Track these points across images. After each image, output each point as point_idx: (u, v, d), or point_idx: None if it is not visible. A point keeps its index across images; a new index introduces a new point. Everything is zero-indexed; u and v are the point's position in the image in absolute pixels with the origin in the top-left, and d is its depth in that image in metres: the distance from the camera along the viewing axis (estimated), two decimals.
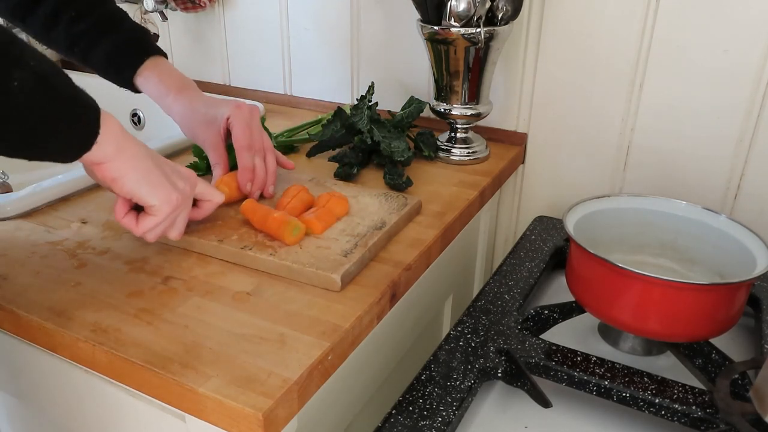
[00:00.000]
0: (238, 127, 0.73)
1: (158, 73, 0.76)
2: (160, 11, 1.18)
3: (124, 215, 0.58)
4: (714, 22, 0.79)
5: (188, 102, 0.75)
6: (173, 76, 0.77)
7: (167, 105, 0.76)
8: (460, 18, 0.82)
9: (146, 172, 0.55)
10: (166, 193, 0.57)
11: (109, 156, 0.52)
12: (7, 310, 0.58)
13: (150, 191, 0.56)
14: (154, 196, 0.56)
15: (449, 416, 0.53)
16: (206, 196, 0.65)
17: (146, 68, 0.75)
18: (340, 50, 1.10)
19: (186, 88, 0.76)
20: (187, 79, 0.78)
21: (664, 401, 0.55)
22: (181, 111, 0.75)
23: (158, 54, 0.77)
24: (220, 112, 0.74)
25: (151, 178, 0.56)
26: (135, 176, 0.54)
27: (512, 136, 0.99)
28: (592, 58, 0.89)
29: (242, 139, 0.72)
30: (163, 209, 0.57)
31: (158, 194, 0.56)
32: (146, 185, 0.55)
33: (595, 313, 0.64)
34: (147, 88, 0.76)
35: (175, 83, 0.76)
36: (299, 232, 0.65)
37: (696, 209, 0.69)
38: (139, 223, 0.58)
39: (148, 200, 0.56)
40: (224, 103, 0.75)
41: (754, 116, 0.81)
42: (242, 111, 0.74)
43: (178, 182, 0.59)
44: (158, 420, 0.56)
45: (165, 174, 0.57)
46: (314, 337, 0.53)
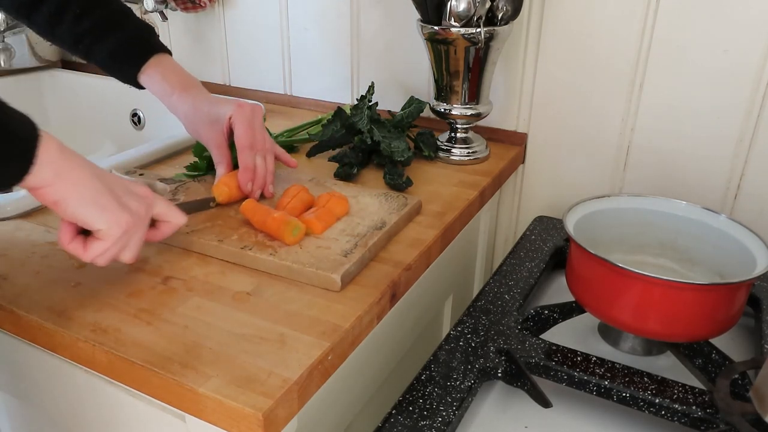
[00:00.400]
0: (240, 126, 0.72)
1: (162, 71, 0.75)
2: (160, 11, 1.18)
3: (69, 241, 0.53)
4: (714, 22, 0.79)
5: (192, 101, 0.75)
6: (177, 73, 0.77)
7: (171, 104, 0.76)
8: (460, 18, 0.82)
9: (92, 194, 0.51)
10: (114, 216, 0.52)
11: (47, 181, 0.48)
12: (7, 310, 0.58)
13: (96, 214, 0.51)
14: (101, 220, 0.51)
15: (449, 416, 0.53)
16: (166, 217, 0.59)
17: (150, 66, 0.75)
18: (340, 50, 1.10)
19: (190, 87, 0.76)
20: (191, 77, 0.78)
21: (664, 401, 0.55)
22: (185, 110, 0.75)
23: (163, 51, 0.77)
24: (223, 110, 0.74)
25: (97, 200, 0.51)
26: (78, 199, 0.50)
27: (512, 136, 0.99)
28: (592, 58, 0.89)
29: (244, 138, 0.72)
30: (112, 233, 0.52)
31: (106, 217, 0.51)
32: (91, 208, 0.51)
33: (595, 313, 0.64)
34: (151, 86, 0.76)
35: (179, 81, 0.76)
36: (299, 232, 0.65)
37: (696, 209, 0.69)
38: (86, 248, 0.53)
39: (94, 224, 0.51)
40: (227, 101, 0.75)
41: (754, 116, 0.81)
42: (244, 110, 0.73)
43: (131, 203, 0.54)
44: (158, 420, 0.56)
45: (114, 195, 0.53)
46: (314, 337, 0.53)
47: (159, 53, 0.76)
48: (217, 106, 0.74)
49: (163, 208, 0.59)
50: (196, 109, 0.75)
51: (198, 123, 0.75)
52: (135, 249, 0.56)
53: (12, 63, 1.36)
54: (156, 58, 0.76)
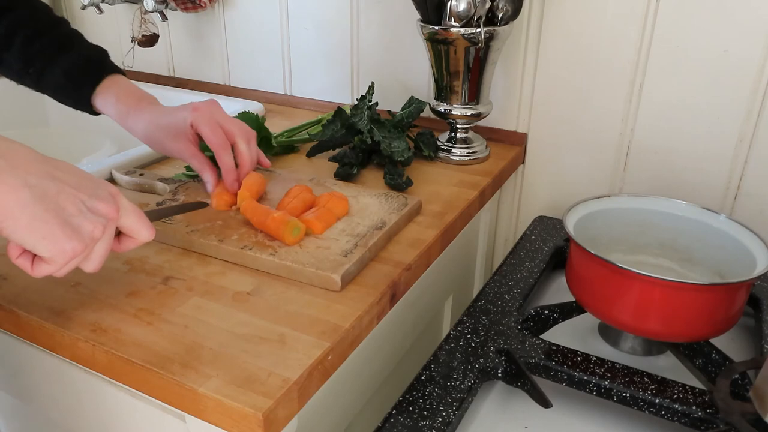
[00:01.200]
0: (205, 127, 0.70)
1: (116, 92, 0.73)
2: (160, 11, 1.18)
3: (16, 257, 0.48)
4: (714, 22, 0.79)
5: (148, 117, 0.72)
6: (131, 93, 0.74)
7: (128, 125, 0.73)
8: (460, 18, 0.82)
9: (29, 222, 0.44)
10: (57, 245, 0.46)
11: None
12: (7, 310, 0.58)
13: (35, 243, 0.45)
14: (41, 248, 0.46)
15: (449, 416, 0.53)
16: (132, 233, 0.53)
17: (105, 87, 0.73)
18: (340, 50, 1.10)
19: (144, 104, 0.73)
20: (145, 94, 0.75)
21: (664, 401, 0.55)
22: (144, 128, 0.72)
23: (117, 72, 0.75)
24: (180, 119, 0.71)
25: (35, 228, 0.45)
26: (14, 227, 0.44)
27: (512, 136, 0.99)
28: (592, 58, 0.89)
29: (214, 138, 0.70)
30: (56, 260, 0.47)
31: (46, 246, 0.45)
32: (30, 237, 0.45)
33: (595, 313, 0.64)
34: (105, 108, 0.74)
35: (132, 101, 0.73)
36: (299, 232, 0.65)
37: (696, 209, 0.69)
38: (33, 268, 0.48)
39: (36, 251, 0.46)
40: (182, 108, 0.72)
41: (754, 116, 0.81)
42: (201, 111, 0.70)
43: (83, 225, 0.47)
44: (158, 420, 0.56)
45: (60, 219, 0.46)
46: (314, 337, 0.53)
47: (113, 74, 0.74)
48: (173, 115, 0.72)
49: (131, 222, 0.52)
50: (154, 124, 0.72)
51: (161, 138, 0.72)
52: (97, 261, 0.50)
53: None
54: (110, 78, 0.74)
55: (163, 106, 0.74)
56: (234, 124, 0.72)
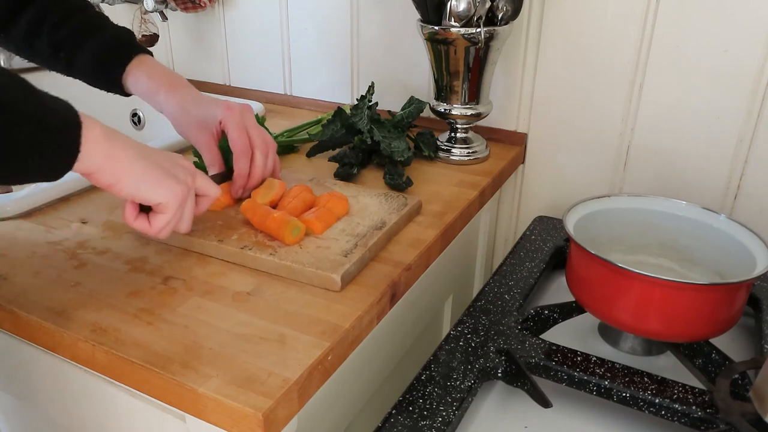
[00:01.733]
0: (233, 130, 0.71)
1: (147, 70, 0.74)
2: (160, 11, 1.18)
3: (135, 218, 0.57)
4: (714, 22, 0.79)
5: (179, 101, 0.73)
6: (162, 73, 0.75)
7: (158, 103, 0.74)
8: (460, 18, 0.82)
9: (143, 171, 0.54)
10: (170, 188, 0.55)
11: (97, 165, 0.51)
12: (7, 310, 0.58)
13: (152, 190, 0.54)
14: (158, 194, 0.55)
15: (449, 416, 0.53)
16: (203, 191, 0.62)
17: (134, 66, 0.74)
18: (340, 50, 1.10)
19: (177, 86, 0.74)
20: (176, 75, 0.76)
21: (664, 401, 0.55)
22: (173, 110, 0.74)
23: (145, 52, 0.75)
24: (212, 113, 0.72)
25: (149, 176, 0.54)
26: (132, 178, 0.53)
27: (512, 136, 0.99)
28: (592, 58, 0.89)
29: (238, 143, 0.71)
30: (171, 204, 0.56)
31: (162, 191, 0.55)
32: (146, 185, 0.54)
33: (595, 313, 0.64)
34: (137, 87, 0.74)
35: (165, 80, 0.74)
36: (299, 232, 0.65)
37: (696, 209, 0.69)
38: (151, 223, 0.57)
39: (153, 199, 0.55)
40: (215, 103, 0.73)
41: (754, 116, 0.81)
42: (234, 113, 0.71)
43: (179, 174, 0.57)
44: (158, 420, 0.56)
45: (164, 169, 0.56)
46: (314, 337, 0.53)
47: (141, 54, 0.75)
48: (206, 107, 0.73)
49: (202, 181, 0.61)
50: (184, 110, 0.73)
51: (186, 124, 0.73)
52: (189, 218, 0.59)
53: (12, 63, 1.36)
54: (139, 58, 0.74)
55: (195, 92, 0.75)
56: (259, 134, 0.73)
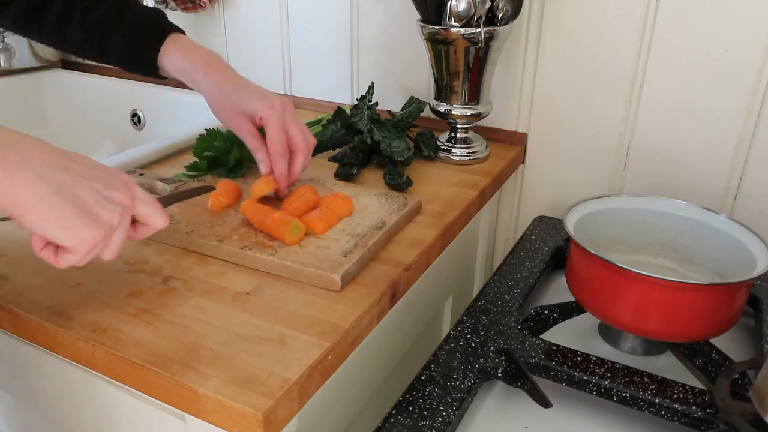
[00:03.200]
0: (273, 130, 0.69)
1: (181, 49, 0.73)
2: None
3: (40, 249, 0.49)
4: (714, 22, 0.79)
5: (219, 83, 0.72)
6: (198, 51, 0.74)
7: (196, 82, 0.73)
8: (460, 18, 0.82)
9: (48, 211, 0.45)
10: (78, 233, 0.46)
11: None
12: (7, 310, 0.58)
13: (58, 233, 0.46)
14: (64, 238, 0.46)
15: (449, 416, 0.53)
16: (147, 220, 0.54)
17: (169, 45, 0.72)
18: (340, 50, 1.10)
19: (215, 66, 0.73)
20: (214, 54, 0.75)
21: (664, 401, 0.55)
22: (212, 91, 0.72)
23: (178, 31, 0.75)
24: (252, 106, 0.70)
25: (55, 218, 0.45)
26: (35, 219, 0.45)
27: (512, 136, 0.99)
28: (592, 58, 0.89)
29: (277, 144, 0.69)
30: (79, 249, 0.47)
31: (68, 235, 0.46)
32: (51, 227, 0.46)
33: (595, 313, 0.64)
34: (172, 66, 0.73)
35: (202, 59, 0.72)
36: (299, 232, 0.65)
37: (696, 209, 0.69)
38: (58, 259, 0.49)
39: (59, 242, 0.47)
40: (256, 95, 0.71)
41: (754, 116, 0.81)
42: (276, 111, 0.69)
43: (102, 213, 0.48)
44: (158, 420, 0.56)
45: (79, 209, 0.46)
46: (314, 337, 0.53)
47: (174, 32, 0.74)
48: (246, 97, 0.71)
49: (145, 211, 0.53)
50: (223, 92, 0.72)
51: (225, 109, 0.72)
52: (115, 249, 0.51)
53: (12, 63, 1.36)
54: (173, 36, 0.73)
55: (235, 75, 0.73)
56: (300, 132, 0.71)
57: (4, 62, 1.35)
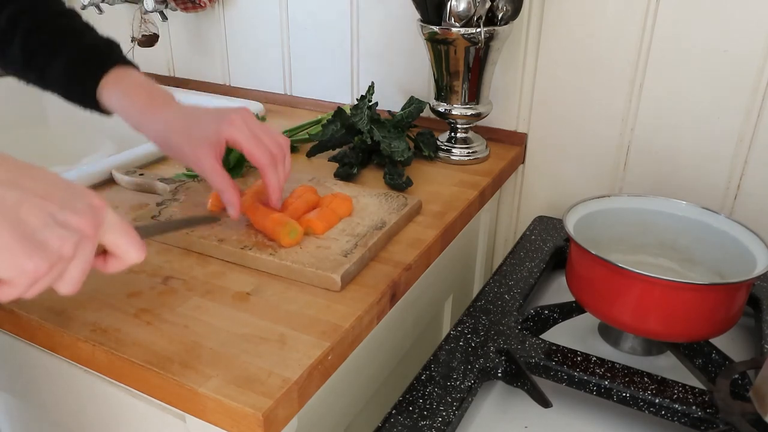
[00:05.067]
0: (249, 144, 0.62)
1: (124, 86, 0.65)
2: (160, 11, 1.18)
3: None
4: (714, 22, 0.79)
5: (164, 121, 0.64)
6: (143, 87, 0.66)
7: (138, 123, 0.65)
8: (460, 18, 0.82)
9: None
10: (15, 263, 0.38)
11: None
12: (7, 310, 0.58)
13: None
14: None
15: (449, 416, 0.53)
16: (116, 251, 0.45)
17: (111, 80, 0.65)
18: (340, 50, 1.10)
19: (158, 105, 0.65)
20: (160, 91, 0.67)
21: (664, 401, 0.55)
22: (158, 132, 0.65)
23: (127, 64, 0.67)
24: (212, 130, 0.62)
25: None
26: None
27: (512, 136, 0.99)
28: (592, 58, 0.89)
29: (263, 156, 0.63)
30: (18, 282, 0.39)
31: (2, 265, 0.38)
32: None
33: (595, 313, 0.64)
34: (111, 103, 0.66)
35: (144, 96, 0.65)
36: (296, 234, 0.64)
37: (696, 209, 0.69)
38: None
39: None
40: (211, 116, 0.64)
41: (754, 116, 0.81)
42: (238, 125, 0.62)
43: (52, 240, 0.39)
44: (158, 420, 0.56)
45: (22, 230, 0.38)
46: (314, 337, 0.53)
47: (122, 65, 0.66)
48: (200, 126, 0.63)
49: (115, 239, 0.44)
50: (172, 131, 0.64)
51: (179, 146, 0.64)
52: (72, 283, 0.43)
53: None
54: (118, 70, 0.66)
55: (182, 107, 0.66)
56: (270, 139, 0.65)
57: None
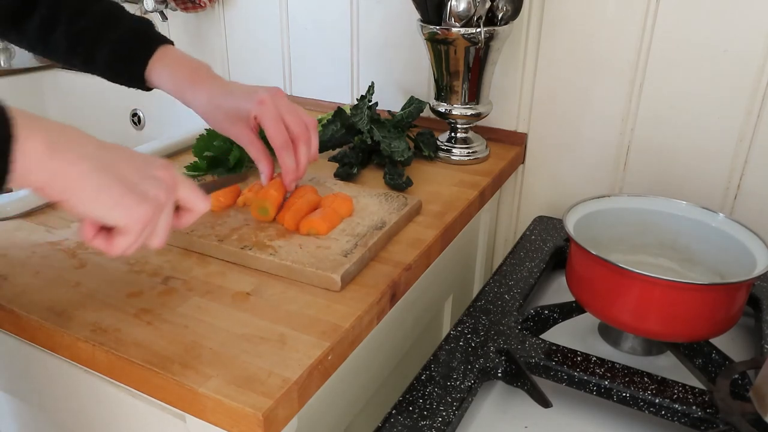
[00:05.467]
0: (269, 124, 0.66)
1: (169, 64, 0.70)
2: (160, 11, 1.18)
3: (92, 237, 0.47)
4: (714, 21, 0.79)
5: (208, 96, 0.69)
6: (185, 64, 0.71)
7: (186, 101, 0.70)
8: (460, 18, 0.82)
9: (97, 189, 0.44)
10: (129, 210, 0.45)
11: (41, 182, 0.43)
12: (7, 310, 0.58)
13: (108, 212, 0.45)
14: (114, 216, 0.45)
15: (449, 416, 0.53)
16: (187, 204, 0.52)
17: (156, 61, 0.70)
18: (340, 50, 1.10)
19: (200, 80, 0.70)
20: (200, 66, 0.72)
21: (664, 401, 0.55)
22: (203, 108, 0.70)
23: (166, 43, 0.72)
24: (243, 107, 0.68)
25: (104, 195, 0.44)
26: (83, 198, 0.44)
27: (512, 136, 0.99)
28: (592, 58, 0.89)
29: (278, 137, 0.67)
30: (131, 228, 0.46)
31: (119, 213, 0.45)
32: (100, 205, 0.44)
33: (595, 313, 0.64)
34: (159, 82, 0.71)
35: (188, 73, 0.70)
36: (265, 213, 0.69)
37: (696, 209, 0.69)
38: (112, 244, 0.47)
39: (109, 221, 0.46)
40: (245, 95, 0.68)
41: (754, 116, 0.81)
42: (267, 106, 0.66)
43: (149, 190, 0.47)
44: (158, 420, 0.56)
45: (126, 186, 0.45)
46: (314, 337, 0.53)
47: (162, 45, 0.71)
48: (235, 100, 0.69)
49: (186, 193, 0.51)
50: (214, 105, 0.69)
51: (220, 120, 0.70)
52: (163, 234, 0.50)
53: (12, 63, 1.37)
54: (160, 51, 0.71)
55: (222, 82, 0.71)
56: (296, 119, 0.68)
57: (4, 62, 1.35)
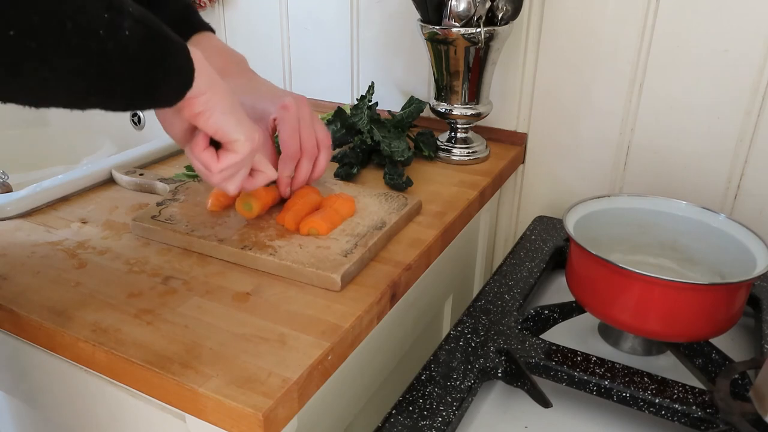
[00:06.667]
0: (286, 132, 0.68)
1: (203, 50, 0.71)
2: None
3: (203, 149, 0.56)
4: (714, 21, 0.79)
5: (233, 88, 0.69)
6: (220, 54, 0.72)
7: None
8: (460, 18, 0.82)
9: (232, 106, 0.54)
10: (249, 130, 0.55)
11: (201, 89, 0.50)
12: (7, 310, 0.58)
13: (235, 127, 0.54)
14: (239, 131, 0.54)
15: (449, 416, 0.53)
16: (260, 166, 0.62)
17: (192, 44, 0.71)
18: (340, 50, 1.10)
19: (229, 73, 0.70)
20: (233, 57, 0.74)
21: (664, 401, 0.55)
22: None
23: (205, 30, 0.72)
24: (266, 108, 0.69)
25: (236, 112, 0.54)
26: (222, 109, 0.52)
27: (512, 136, 0.99)
28: (592, 57, 0.89)
29: (289, 147, 0.68)
30: (245, 147, 0.55)
31: (243, 129, 0.54)
32: (232, 119, 0.54)
33: (595, 313, 0.64)
34: None
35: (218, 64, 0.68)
36: (250, 208, 0.68)
37: (696, 209, 0.69)
38: (220, 159, 0.56)
39: (233, 134, 0.54)
40: (271, 95, 0.70)
41: (754, 116, 0.81)
42: (289, 113, 0.67)
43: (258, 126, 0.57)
44: (158, 420, 0.56)
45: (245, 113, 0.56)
46: (314, 337, 0.53)
47: (200, 32, 0.72)
48: (259, 100, 0.70)
49: (261, 157, 0.61)
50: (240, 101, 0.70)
51: None
52: (239, 182, 0.59)
53: None
54: (198, 37, 0.71)
55: (251, 77, 0.74)
56: (310, 134, 0.69)
57: None
